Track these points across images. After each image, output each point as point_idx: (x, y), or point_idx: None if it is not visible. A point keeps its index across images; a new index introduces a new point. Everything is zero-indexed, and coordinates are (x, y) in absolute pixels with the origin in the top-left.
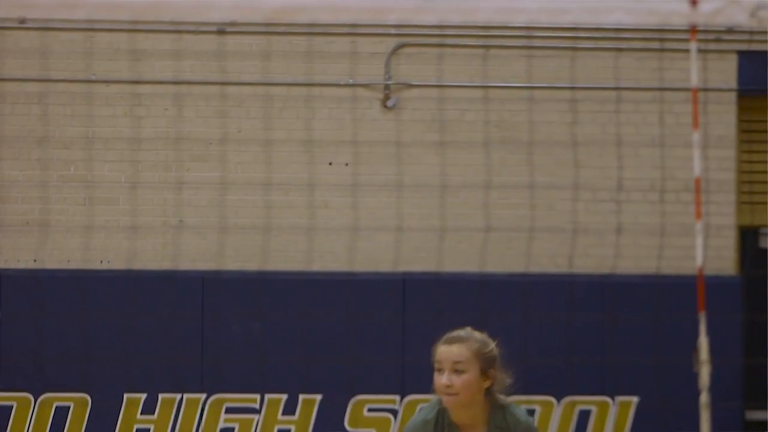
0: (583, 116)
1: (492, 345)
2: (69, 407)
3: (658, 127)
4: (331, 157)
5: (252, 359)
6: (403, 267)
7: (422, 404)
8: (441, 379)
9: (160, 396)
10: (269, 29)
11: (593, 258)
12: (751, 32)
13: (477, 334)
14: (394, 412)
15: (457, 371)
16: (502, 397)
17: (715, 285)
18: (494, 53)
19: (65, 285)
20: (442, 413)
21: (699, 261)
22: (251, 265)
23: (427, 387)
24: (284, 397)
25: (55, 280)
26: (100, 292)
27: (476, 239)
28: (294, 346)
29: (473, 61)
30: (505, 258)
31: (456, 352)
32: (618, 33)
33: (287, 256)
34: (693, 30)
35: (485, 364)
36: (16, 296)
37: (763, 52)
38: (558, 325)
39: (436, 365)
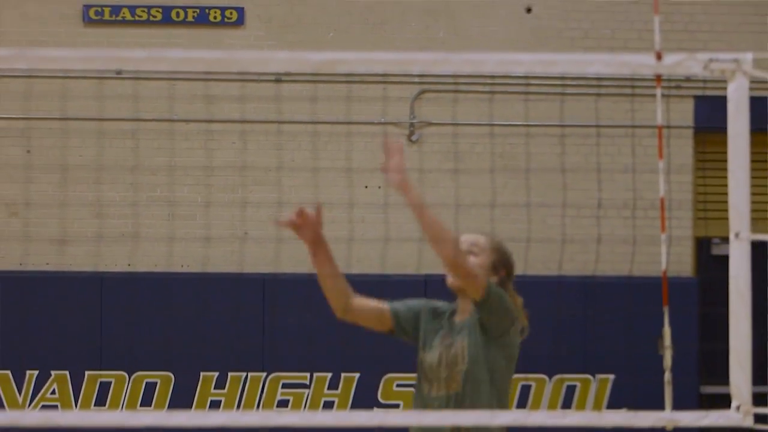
0: (569, 148)
1: (510, 253)
2: (156, 383)
3: (630, 157)
4: (366, 182)
5: (303, 344)
6: (425, 270)
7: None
8: None
9: (229, 374)
10: (316, 78)
11: (578, 263)
12: (705, 81)
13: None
14: None
15: (471, 253)
16: None
17: (676, 285)
18: (498, 97)
19: (153, 285)
20: (450, 311)
21: (663, 265)
22: (303, 268)
23: None
24: (329, 375)
25: (145, 281)
26: (181, 290)
27: None
28: (337, 334)
29: (481, 104)
30: None
31: (475, 237)
32: (598, 81)
33: None
34: (658, 78)
35: (498, 260)
36: (114, 295)
37: (715, 97)
38: (550, 317)
39: None
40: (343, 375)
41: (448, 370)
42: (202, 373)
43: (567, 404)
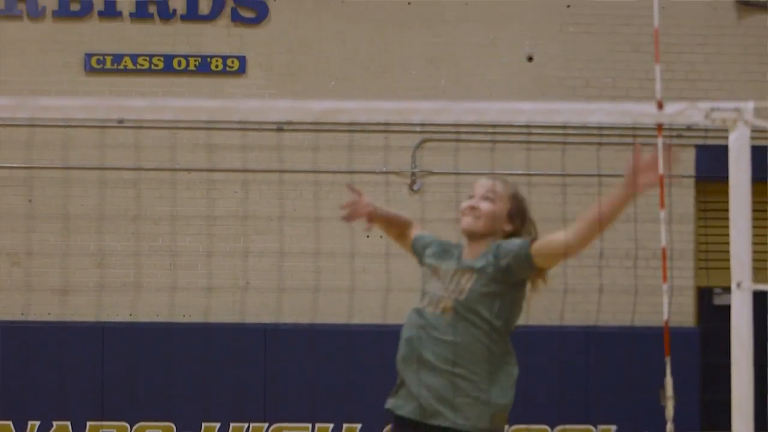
0: (571, 198)
1: (527, 203)
2: None
3: (632, 206)
4: (368, 231)
5: (304, 394)
6: None
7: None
8: (470, 201)
9: (231, 425)
10: (317, 127)
11: (580, 313)
12: (706, 130)
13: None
14: None
15: (487, 199)
16: None
17: (677, 335)
18: (500, 146)
19: (155, 335)
20: (459, 249)
21: (665, 315)
22: (304, 318)
23: None
24: (331, 425)
25: (147, 331)
26: (182, 340)
27: None
28: (338, 384)
29: (483, 153)
30: None
31: (492, 183)
32: (599, 130)
33: (333, 312)
34: (659, 127)
35: (515, 209)
36: (116, 345)
37: (716, 146)
38: (552, 367)
39: (468, 194)
40: (344, 425)
41: (445, 291)
42: (204, 424)
43: None
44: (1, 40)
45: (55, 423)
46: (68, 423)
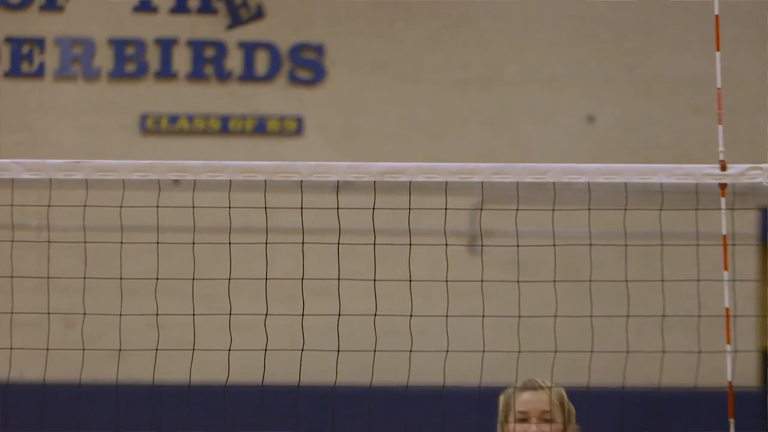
0: (632, 259)
1: (567, 399)
2: None
3: (694, 268)
4: (427, 292)
5: None
6: (486, 381)
7: None
8: (530, 428)
9: None
10: (376, 188)
11: (641, 374)
12: None
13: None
14: None
15: (546, 420)
16: None
17: (740, 396)
18: (559, 207)
19: (211, 397)
20: None
21: (729, 377)
22: (364, 379)
23: None
24: None
25: (202, 394)
26: (239, 402)
27: (546, 359)
28: None
29: (543, 213)
30: (570, 374)
31: (545, 399)
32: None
33: (391, 371)
34: (722, 188)
35: (568, 416)
36: (170, 407)
37: None
38: (614, 429)
39: (520, 415)
40: None
41: None
42: None
43: None
44: (56, 102)
45: None
46: None
